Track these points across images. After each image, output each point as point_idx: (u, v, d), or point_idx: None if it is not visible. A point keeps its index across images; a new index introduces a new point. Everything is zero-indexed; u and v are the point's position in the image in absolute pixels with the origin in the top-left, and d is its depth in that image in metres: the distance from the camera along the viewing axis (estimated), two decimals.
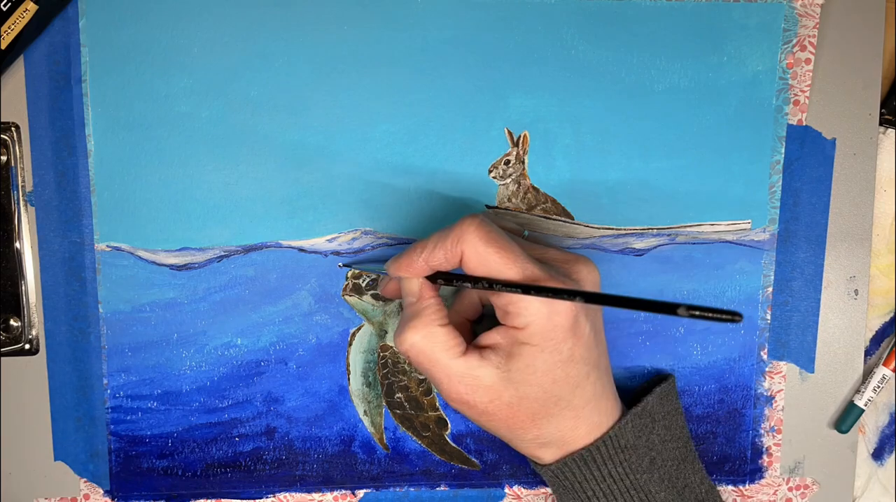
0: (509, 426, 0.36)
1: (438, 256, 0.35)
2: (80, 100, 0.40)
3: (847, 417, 0.44)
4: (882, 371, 0.44)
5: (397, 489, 0.44)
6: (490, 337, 0.35)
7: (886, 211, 0.44)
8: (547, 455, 0.37)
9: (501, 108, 0.41)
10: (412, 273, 0.36)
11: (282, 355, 0.42)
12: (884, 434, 0.46)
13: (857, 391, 0.44)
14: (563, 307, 0.34)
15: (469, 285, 0.35)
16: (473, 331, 0.41)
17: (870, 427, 0.45)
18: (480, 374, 0.35)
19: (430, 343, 0.35)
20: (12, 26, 0.38)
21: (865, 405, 0.44)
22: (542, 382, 0.35)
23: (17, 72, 0.40)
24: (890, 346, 0.44)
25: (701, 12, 0.41)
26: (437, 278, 0.36)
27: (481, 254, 0.34)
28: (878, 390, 0.44)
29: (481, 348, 0.35)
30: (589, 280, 0.36)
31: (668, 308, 0.29)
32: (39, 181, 0.40)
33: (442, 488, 0.44)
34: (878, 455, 0.46)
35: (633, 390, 0.43)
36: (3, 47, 0.38)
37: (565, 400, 0.35)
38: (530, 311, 0.34)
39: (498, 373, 0.35)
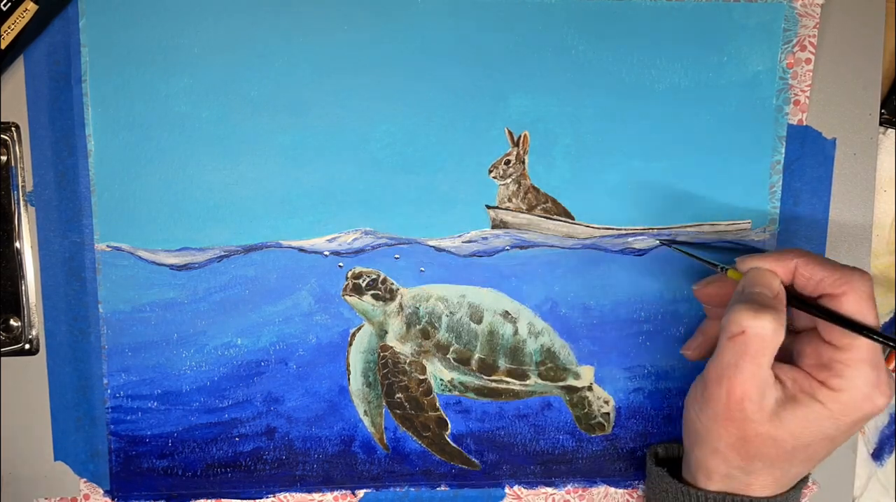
0: (731, 444, 0.35)
1: (815, 272, 0.34)
2: (80, 100, 0.40)
3: None
4: None
5: (397, 489, 0.44)
6: (785, 371, 0.35)
7: (886, 211, 0.44)
8: (715, 483, 0.37)
9: (501, 108, 0.41)
10: (778, 268, 0.35)
11: (282, 355, 0.42)
12: (883, 434, 0.46)
13: None
14: (883, 402, 0.33)
15: (825, 317, 0.33)
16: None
17: (869, 427, 0.45)
18: (768, 395, 0.34)
19: (775, 339, 0.33)
20: (12, 26, 0.38)
21: None
22: (802, 439, 0.34)
23: (17, 72, 0.40)
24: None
25: (701, 12, 0.41)
26: (791, 300, 0.35)
27: (863, 308, 0.33)
28: None
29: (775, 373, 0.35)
30: None
31: None
32: (39, 181, 0.40)
33: (442, 488, 0.44)
34: (877, 455, 0.46)
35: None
36: (2, 47, 0.38)
37: (794, 460, 0.35)
38: (854, 383, 0.33)
39: (773, 407, 0.34)
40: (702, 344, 0.40)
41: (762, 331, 0.33)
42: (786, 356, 0.36)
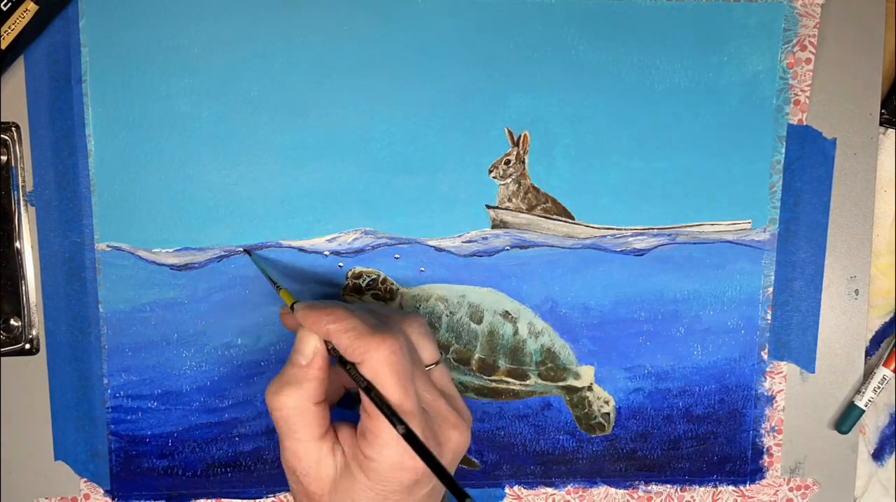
0: None
1: (340, 342, 0.33)
2: (80, 100, 0.40)
3: (848, 418, 0.44)
4: (882, 371, 0.44)
5: None
6: (345, 434, 0.34)
7: (886, 211, 0.44)
8: None
9: (501, 107, 0.41)
10: (315, 329, 0.33)
11: (282, 355, 0.42)
12: (884, 434, 0.46)
13: (858, 392, 0.44)
14: (412, 466, 0.32)
15: (360, 384, 0.32)
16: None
17: (870, 427, 0.45)
18: (323, 466, 0.33)
19: (298, 415, 0.33)
20: (12, 26, 0.38)
21: (866, 406, 0.44)
22: None
23: (17, 72, 0.40)
24: (890, 347, 0.44)
25: (701, 12, 0.41)
26: (335, 354, 0.34)
27: (379, 374, 0.32)
28: (878, 391, 0.44)
29: (336, 437, 0.34)
30: (451, 448, 0.35)
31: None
32: (40, 181, 0.40)
33: None
34: (878, 455, 0.46)
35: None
36: (3, 47, 0.38)
37: None
38: (383, 453, 0.32)
39: (333, 478, 0.33)
40: (291, 324, 0.38)
41: (284, 411, 0.33)
42: None
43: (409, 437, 0.31)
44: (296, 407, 0.33)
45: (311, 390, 0.33)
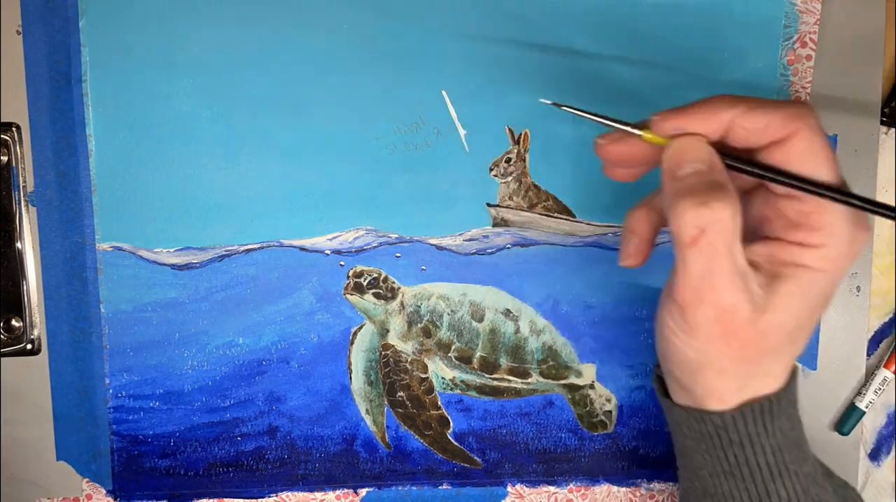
0: (741, 357, 0.29)
1: (758, 120, 0.27)
2: (80, 99, 0.40)
3: (848, 419, 0.44)
4: (883, 373, 0.43)
5: (399, 488, 0.44)
6: (754, 250, 0.29)
7: None
8: (733, 398, 0.31)
9: (502, 106, 0.41)
10: (705, 128, 0.28)
11: (283, 354, 0.42)
12: (881, 435, 0.45)
13: (858, 393, 0.44)
14: (865, 238, 0.28)
15: (772, 177, 0.27)
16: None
17: (867, 428, 0.45)
18: (752, 287, 0.28)
19: (736, 223, 0.27)
20: None
21: (867, 407, 0.43)
22: (800, 314, 0.29)
23: (18, 72, 0.40)
24: (890, 348, 0.44)
25: (702, 9, 0.41)
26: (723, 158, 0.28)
27: (817, 143, 0.27)
28: (879, 392, 0.43)
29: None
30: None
31: None
32: (41, 181, 0.40)
33: (444, 487, 0.44)
34: (874, 456, 0.45)
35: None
36: None
37: (796, 342, 0.30)
38: (834, 230, 0.27)
39: (762, 297, 0.29)
40: (639, 245, 0.34)
41: (722, 222, 0.27)
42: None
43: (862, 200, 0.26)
44: (733, 214, 0.27)
45: (734, 194, 0.27)
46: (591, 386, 0.43)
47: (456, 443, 0.43)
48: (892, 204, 0.28)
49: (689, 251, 0.27)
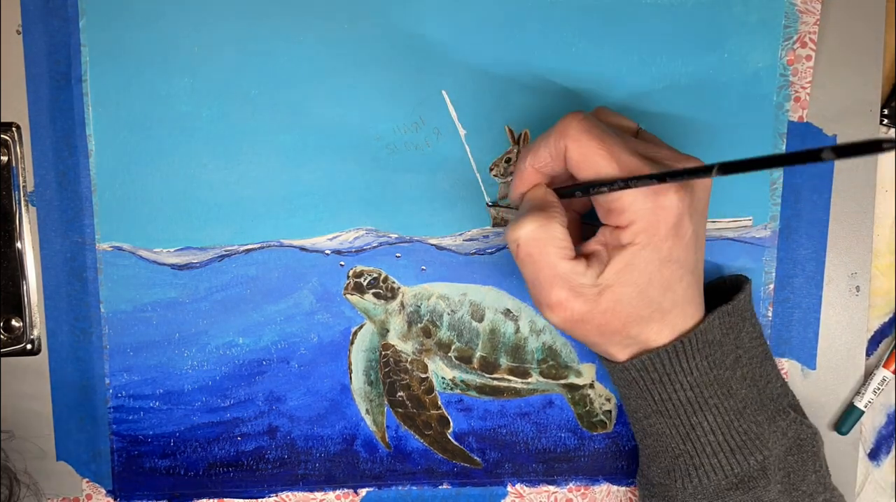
0: (601, 332, 0.34)
1: (543, 156, 0.34)
2: (80, 99, 0.40)
3: (847, 418, 0.44)
4: (882, 373, 0.43)
5: (399, 487, 0.44)
6: (591, 244, 0.34)
7: (887, 211, 0.43)
8: (625, 354, 0.36)
9: (502, 106, 0.41)
10: (524, 182, 0.35)
11: (283, 354, 0.42)
12: (880, 435, 0.45)
13: (858, 393, 0.44)
14: (669, 202, 0.32)
15: (580, 193, 0.33)
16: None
17: (866, 427, 0.45)
18: (584, 281, 0.33)
19: (546, 235, 0.33)
20: None
21: (865, 407, 0.43)
22: (639, 282, 0.33)
23: (18, 72, 0.40)
24: (890, 348, 0.44)
25: (701, 9, 0.41)
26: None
27: (584, 147, 0.32)
28: (878, 392, 0.44)
29: (586, 256, 0.34)
30: (701, 185, 0.34)
31: (811, 156, 0.25)
32: (40, 181, 0.40)
33: (444, 486, 0.44)
34: (874, 455, 0.45)
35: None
36: None
37: (656, 303, 0.34)
38: (635, 208, 0.32)
39: (601, 281, 0.33)
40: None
41: (528, 233, 0.33)
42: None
43: (649, 177, 0.31)
44: (540, 226, 0.33)
45: (551, 212, 0.33)
46: (591, 386, 0.43)
47: (456, 443, 0.44)
48: (657, 171, 0.31)
49: (518, 263, 0.34)
